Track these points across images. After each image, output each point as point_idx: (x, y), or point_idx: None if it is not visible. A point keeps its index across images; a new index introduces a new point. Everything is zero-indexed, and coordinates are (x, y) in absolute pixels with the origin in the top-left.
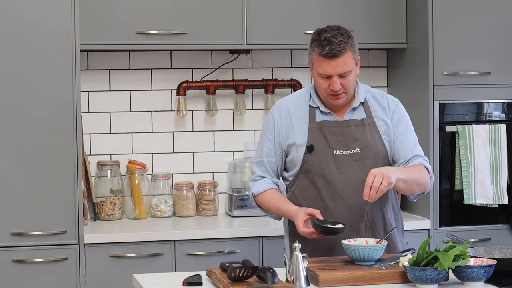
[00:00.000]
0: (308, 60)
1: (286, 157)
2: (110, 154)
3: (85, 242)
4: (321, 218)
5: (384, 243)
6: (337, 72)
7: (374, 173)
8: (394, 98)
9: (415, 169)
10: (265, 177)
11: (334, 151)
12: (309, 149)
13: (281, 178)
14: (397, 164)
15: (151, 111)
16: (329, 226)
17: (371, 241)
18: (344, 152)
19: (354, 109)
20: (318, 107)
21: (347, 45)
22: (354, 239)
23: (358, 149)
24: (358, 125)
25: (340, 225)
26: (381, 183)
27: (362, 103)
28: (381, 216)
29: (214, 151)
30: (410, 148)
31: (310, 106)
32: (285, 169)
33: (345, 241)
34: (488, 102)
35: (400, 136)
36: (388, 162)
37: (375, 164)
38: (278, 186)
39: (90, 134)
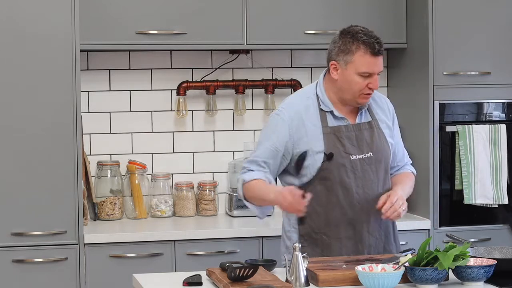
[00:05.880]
0: (334, 61)
1: (290, 163)
2: (110, 154)
3: (85, 242)
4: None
5: (402, 269)
6: (379, 69)
7: (397, 196)
8: (387, 99)
9: (409, 180)
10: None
11: (351, 157)
12: (329, 157)
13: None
14: (391, 170)
15: (151, 111)
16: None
17: (389, 268)
18: (359, 157)
19: (362, 112)
20: (332, 111)
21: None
22: (369, 266)
23: (371, 153)
24: (367, 128)
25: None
26: (400, 206)
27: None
28: (391, 223)
29: (214, 151)
30: (403, 155)
31: (321, 109)
32: (291, 174)
33: (359, 268)
34: (488, 102)
35: (398, 142)
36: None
37: (386, 168)
38: (270, 183)
39: (90, 134)
